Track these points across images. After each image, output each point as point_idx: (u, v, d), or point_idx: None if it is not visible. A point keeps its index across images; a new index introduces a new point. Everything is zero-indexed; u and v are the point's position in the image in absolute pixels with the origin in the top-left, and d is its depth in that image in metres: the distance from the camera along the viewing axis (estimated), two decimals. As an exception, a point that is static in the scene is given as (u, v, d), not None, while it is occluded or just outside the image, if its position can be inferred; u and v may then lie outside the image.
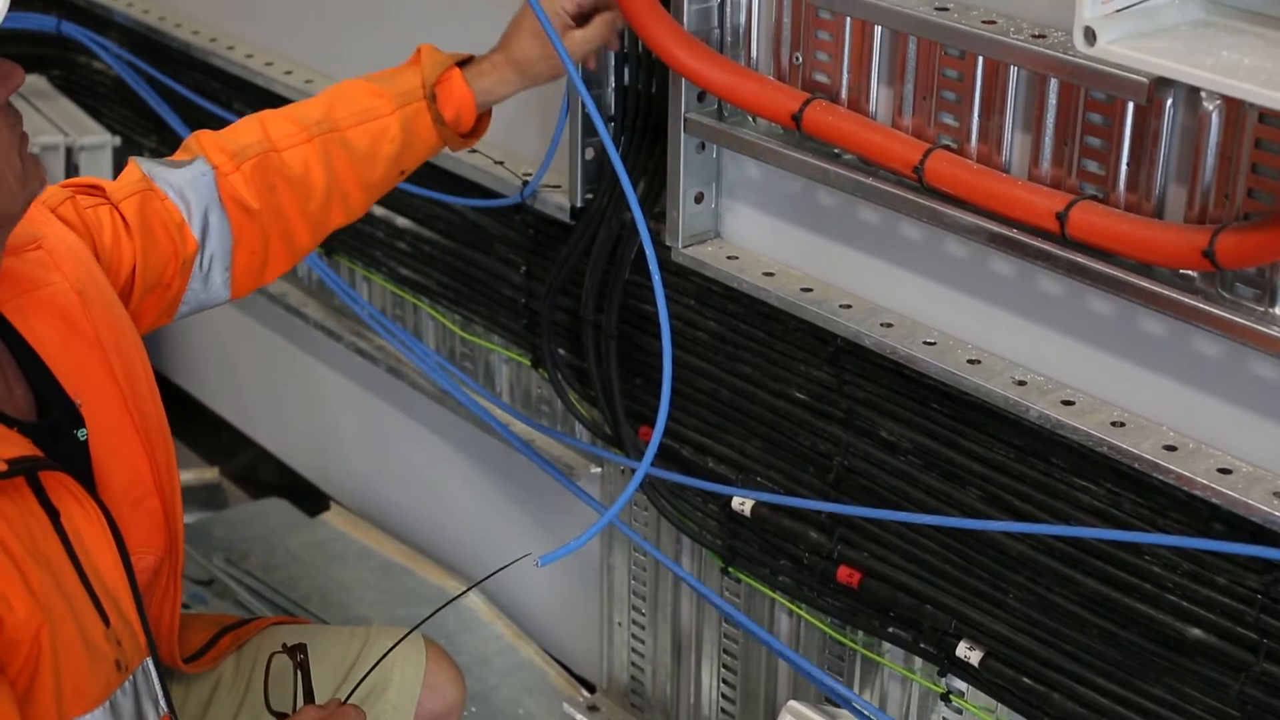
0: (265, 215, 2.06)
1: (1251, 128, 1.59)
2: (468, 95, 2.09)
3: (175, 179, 2.02)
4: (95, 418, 1.81)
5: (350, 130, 2.08)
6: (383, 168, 2.11)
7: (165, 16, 3.20)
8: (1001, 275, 1.89)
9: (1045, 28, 1.73)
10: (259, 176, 2.05)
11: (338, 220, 2.14)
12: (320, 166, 2.07)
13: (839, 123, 1.89)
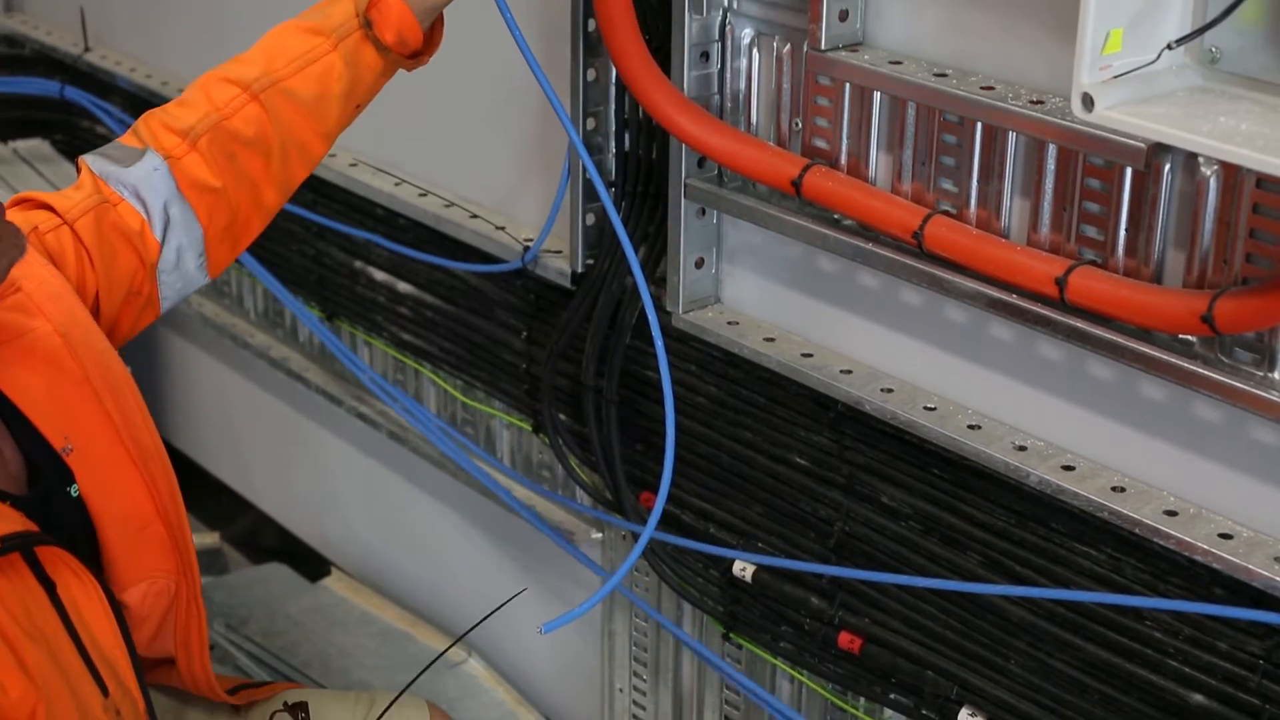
0: (231, 188, 1.99)
1: (1249, 193, 1.60)
2: (406, 12, 1.96)
3: (129, 178, 1.95)
4: (89, 456, 1.80)
5: (292, 79, 1.98)
6: (336, 108, 2.02)
7: (168, 81, 3.22)
8: (1001, 340, 1.89)
9: (1043, 93, 1.74)
10: (216, 149, 1.97)
11: (301, 173, 2.06)
12: (271, 123, 1.98)
13: (838, 188, 1.90)
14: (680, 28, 2.03)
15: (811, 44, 1.90)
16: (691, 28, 2.03)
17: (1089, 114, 1.46)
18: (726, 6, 2.03)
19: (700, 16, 2.03)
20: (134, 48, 3.39)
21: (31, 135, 3.55)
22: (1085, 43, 1.45)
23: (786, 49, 1.99)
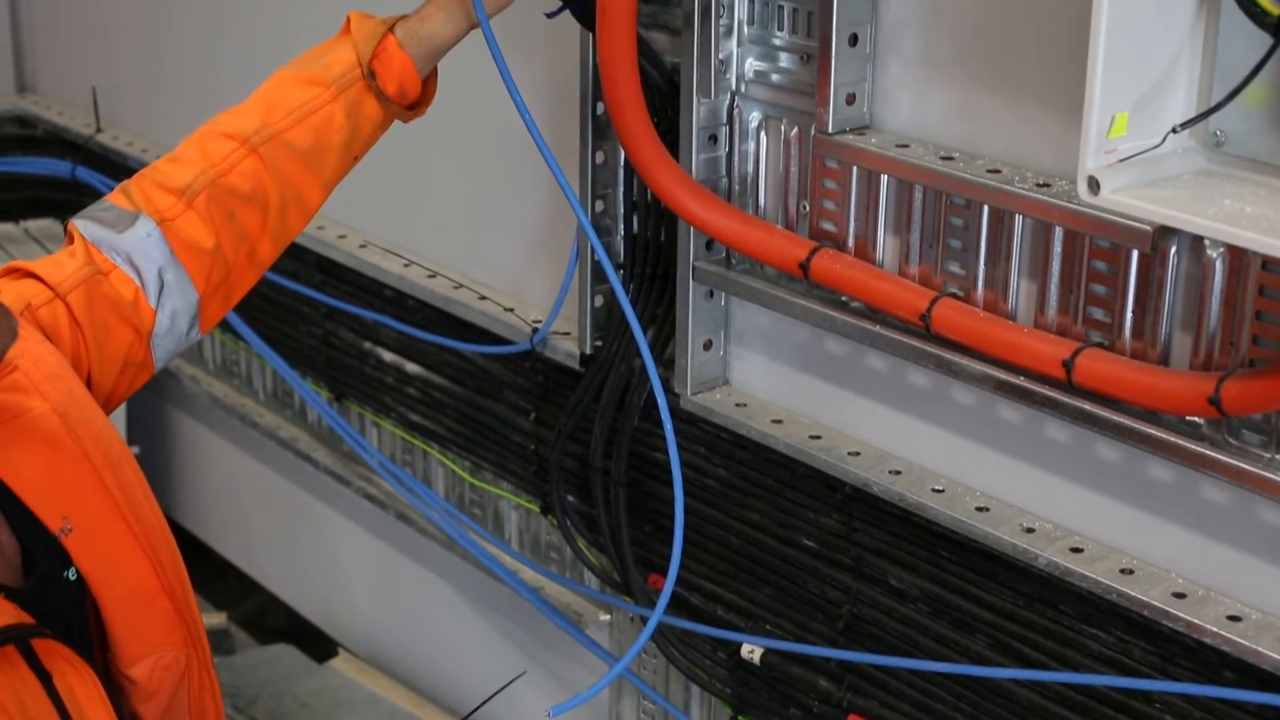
0: (227, 246, 1.95)
1: (1255, 275, 1.60)
2: (408, 63, 1.95)
3: (122, 245, 1.89)
4: (90, 534, 1.77)
5: (291, 131, 1.95)
6: (335, 159, 1.99)
7: (180, 164, 3.23)
8: (1009, 422, 1.89)
9: (1049, 176, 1.75)
10: (214, 208, 1.93)
11: (298, 225, 2.02)
12: (270, 177, 1.95)
13: (846, 271, 1.91)
14: (688, 111, 2.05)
15: (819, 127, 1.92)
16: (700, 111, 2.04)
17: (1095, 197, 1.47)
18: (734, 90, 2.05)
19: (708, 100, 2.04)
20: (146, 129, 3.41)
21: (43, 215, 3.57)
22: (1091, 126, 1.46)
23: (794, 132, 2.00)
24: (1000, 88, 1.80)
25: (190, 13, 3.21)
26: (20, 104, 3.76)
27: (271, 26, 2.97)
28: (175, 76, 3.30)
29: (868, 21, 1.88)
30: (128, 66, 3.45)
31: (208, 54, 3.17)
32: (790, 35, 1.97)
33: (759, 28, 2.00)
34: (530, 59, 2.30)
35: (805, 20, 1.95)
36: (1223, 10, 1.51)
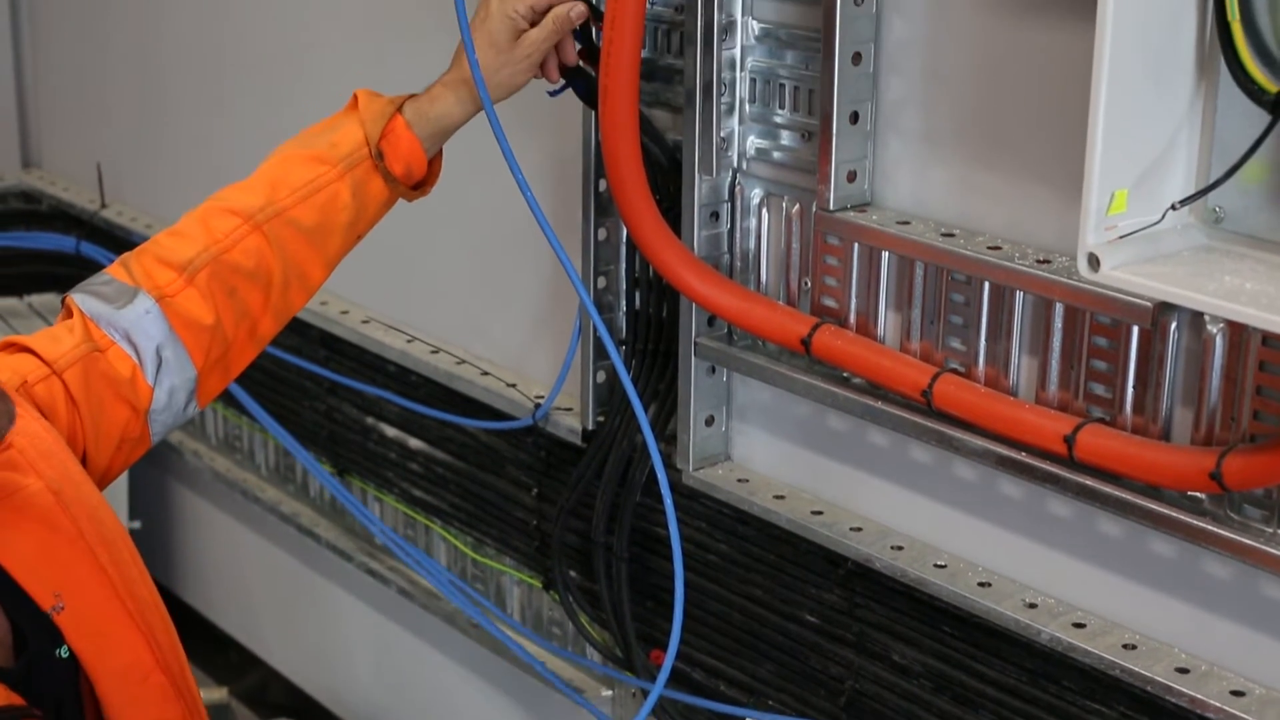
0: (227, 323, 1.94)
1: (1255, 351, 1.61)
2: (416, 145, 1.97)
3: (120, 321, 1.88)
4: (83, 612, 1.76)
5: (296, 208, 1.95)
6: (339, 237, 1.99)
7: (184, 240, 3.24)
8: (1011, 498, 1.90)
9: (1050, 253, 1.76)
10: (216, 285, 1.92)
11: (300, 301, 2.02)
12: (273, 254, 1.95)
13: (848, 347, 1.92)
14: (690, 188, 2.06)
15: (820, 204, 1.93)
16: (701, 188, 2.06)
17: (1095, 274, 1.48)
18: (736, 167, 2.06)
19: (710, 177, 2.05)
20: (150, 204, 3.43)
21: (46, 290, 3.58)
22: (1091, 203, 1.47)
23: (796, 209, 2.02)
24: (1000, 165, 1.81)
25: (194, 90, 3.23)
26: (25, 179, 3.78)
27: (276, 105, 2.99)
28: (180, 153, 3.32)
29: (868, 99, 1.90)
30: (132, 142, 3.47)
31: (212, 131, 3.19)
32: (791, 113, 1.99)
33: (760, 105, 2.02)
34: (533, 136, 2.32)
35: (806, 98, 1.96)
36: (1221, 87, 1.52)
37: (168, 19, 3.26)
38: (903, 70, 1.88)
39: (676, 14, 2.10)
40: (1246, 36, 1.46)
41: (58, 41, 3.70)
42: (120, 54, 3.44)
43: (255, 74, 3.04)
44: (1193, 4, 1.50)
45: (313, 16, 2.86)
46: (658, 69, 2.14)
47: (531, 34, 1.96)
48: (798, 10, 1.96)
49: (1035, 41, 1.75)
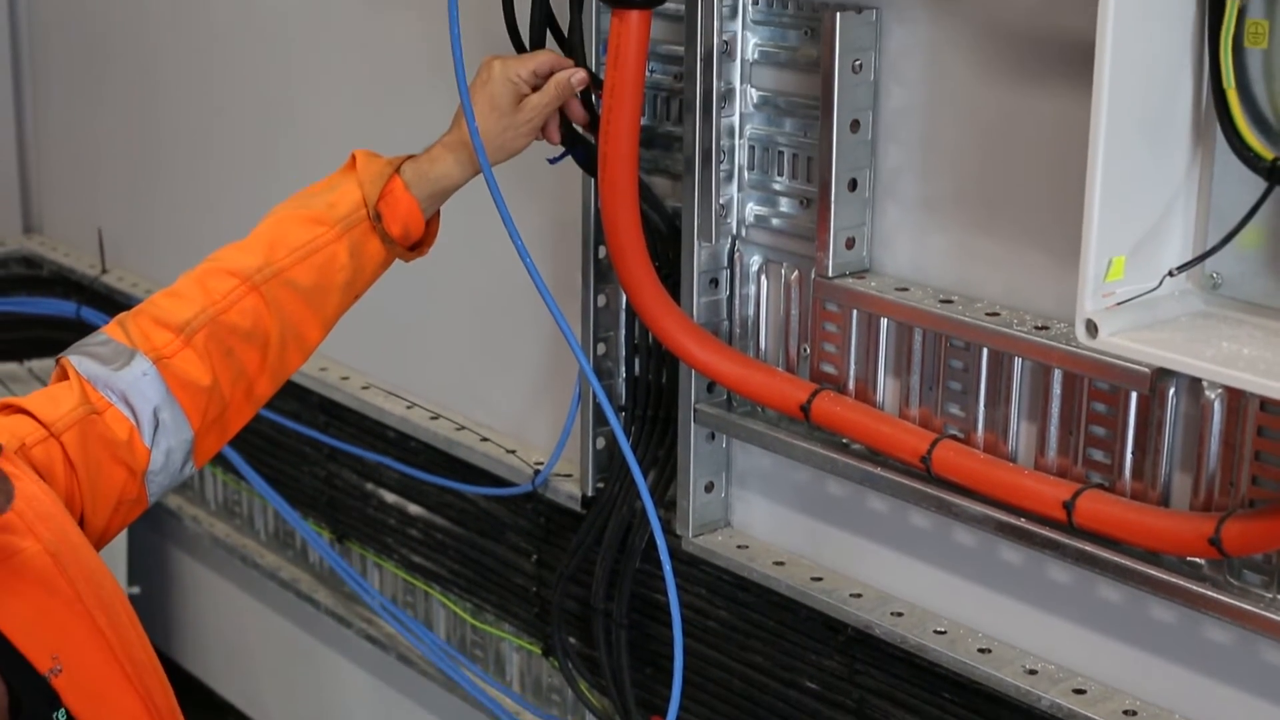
0: (224, 384, 1.93)
1: (1253, 416, 1.61)
2: (414, 206, 1.97)
3: (117, 384, 1.87)
4: (81, 675, 1.74)
5: (294, 269, 1.95)
6: (336, 297, 1.99)
7: (184, 306, 3.25)
8: (1010, 564, 1.89)
9: (1048, 319, 1.76)
10: (213, 345, 1.91)
11: (296, 361, 2.01)
12: (270, 315, 1.94)
13: (847, 413, 1.92)
14: (690, 255, 2.06)
15: (819, 271, 1.93)
16: (701, 255, 2.06)
17: (1093, 340, 1.48)
18: (735, 234, 2.07)
19: (709, 244, 2.06)
20: (150, 270, 3.43)
21: (46, 355, 3.58)
22: (1088, 270, 1.48)
23: (794, 276, 2.02)
24: (998, 231, 1.82)
25: (194, 155, 3.24)
26: (27, 244, 3.79)
27: (277, 170, 3.00)
28: (180, 218, 3.33)
29: (866, 167, 1.91)
30: (133, 208, 3.48)
31: (212, 196, 3.20)
32: (790, 180, 2.00)
33: (759, 173, 2.03)
34: (533, 202, 2.33)
35: (805, 165, 1.98)
36: (1217, 154, 1.53)
37: (167, 85, 3.28)
38: (901, 138, 1.89)
39: (676, 82, 2.11)
40: (1242, 104, 1.47)
41: (59, 108, 3.72)
42: (121, 120, 3.46)
43: (255, 139, 3.06)
44: (1188, 71, 1.51)
45: (312, 80, 2.88)
46: (657, 136, 2.15)
47: (533, 99, 1.97)
48: (796, 78, 1.98)
49: (1032, 109, 1.76)
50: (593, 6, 2.09)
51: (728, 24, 2.00)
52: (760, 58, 2.01)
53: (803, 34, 1.96)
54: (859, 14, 1.86)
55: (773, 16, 1.99)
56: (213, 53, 3.13)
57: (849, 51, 1.87)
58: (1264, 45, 1.46)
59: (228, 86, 3.10)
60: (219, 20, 3.09)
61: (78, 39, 3.58)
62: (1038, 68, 1.75)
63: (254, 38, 3.01)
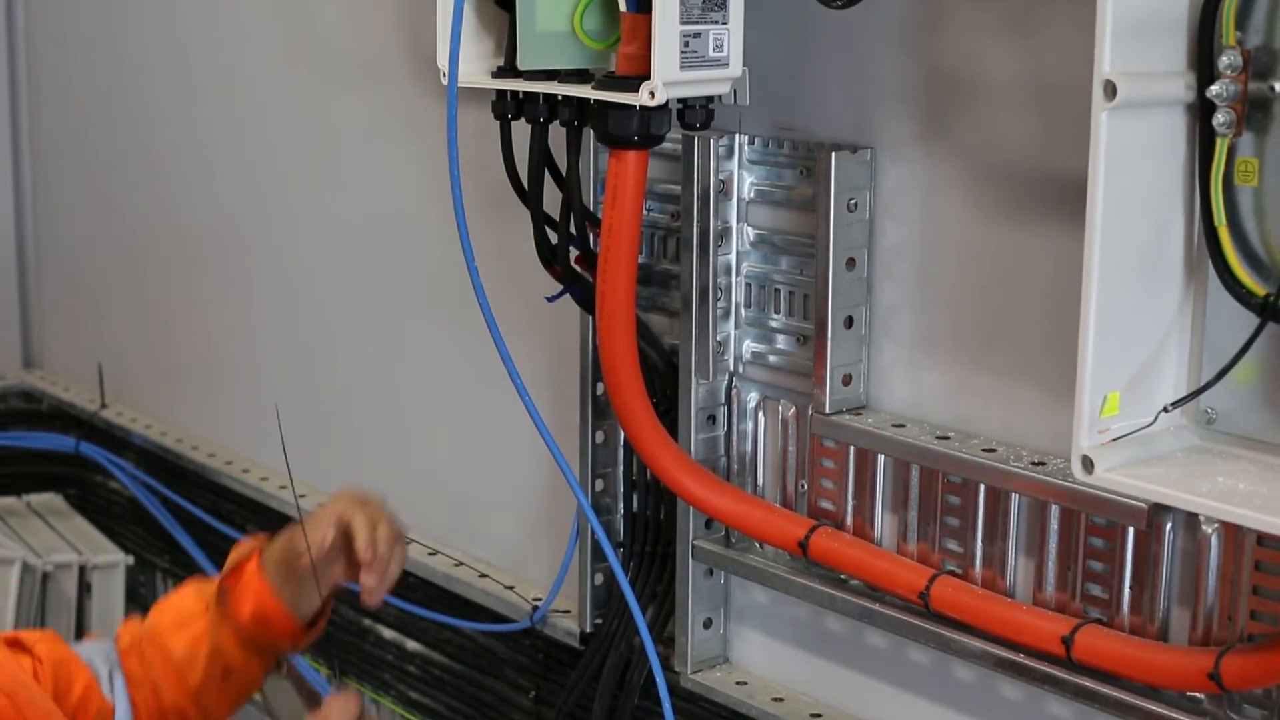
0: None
1: (1251, 550, 1.62)
2: (264, 587, 1.99)
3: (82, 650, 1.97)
4: None
5: (169, 634, 2.02)
6: (201, 671, 2.01)
7: (182, 439, 3.26)
8: (1010, 700, 1.89)
9: (1045, 455, 1.77)
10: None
11: None
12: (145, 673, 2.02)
13: (844, 550, 1.92)
14: (687, 392, 2.08)
15: (816, 408, 1.94)
16: (698, 392, 2.07)
17: (1089, 476, 1.49)
18: (732, 371, 2.08)
19: (707, 381, 2.07)
20: (150, 405, 3.44)
21: (45, 489, 3.59)
22: (1084, 406, 1.49)
23: (791, 412, 2.03)
24: (993, 368, 1.83)
25: (195, 294, 3.26)
26: (27, 379, 3.80)
27: (276, 312, 3.02)
28: (180, 356, 3.35)
29: (862, 304, 1.92)
30: (133, 344, 3.49)
31: (212, 335, 3.22)
32: (787, 317, 2.01)
33: (756, 310, 2.05)
34: (530, 340, 2.34)
35: (801, 303, 1.99)
36: (1210, 291, 1.54)
37: (169, 225, 3.30)
38: (896, 275, 1.91)
39: (673, 220, 2.13)
40: (1234, 241, 1.49)
41: (61, 245, 3.74)
42: (122, 258, 3.48)
43: (254, 280, 3.08)
44: (1180, 209, 1.53)
45: (311, 217, 2.90)
46: (654, 274, 2.17)
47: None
48: (792, 217, 2.00)
49: (1026, 246, 1.78)
50: (590, 146, 2.12)
51: (724, 163, 2.02)
52: (756, 196, 2.03)
53: (798, 173, 1.98)
54: (854, 153, 1.89)
55: (769, 156, 2.01)
56: (214, 194, 3.15)
57: (844, 190, 1.89)
58: (1254, 183, 1.48)
59: (228, 227, 3.13)
60: (220, 162, 3.12)
61: (81, 177, 3.61)
62: (1030, 205, 1.77)
63: (254, 178, 3.04)
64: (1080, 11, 1.53)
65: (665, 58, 1.75)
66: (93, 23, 3.46)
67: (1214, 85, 1.47)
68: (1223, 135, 1.47)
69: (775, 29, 1.97)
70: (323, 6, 2.76)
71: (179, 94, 3.20)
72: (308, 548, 1.92)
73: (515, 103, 1.97)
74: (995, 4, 1.77)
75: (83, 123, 3.56)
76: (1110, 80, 1.43)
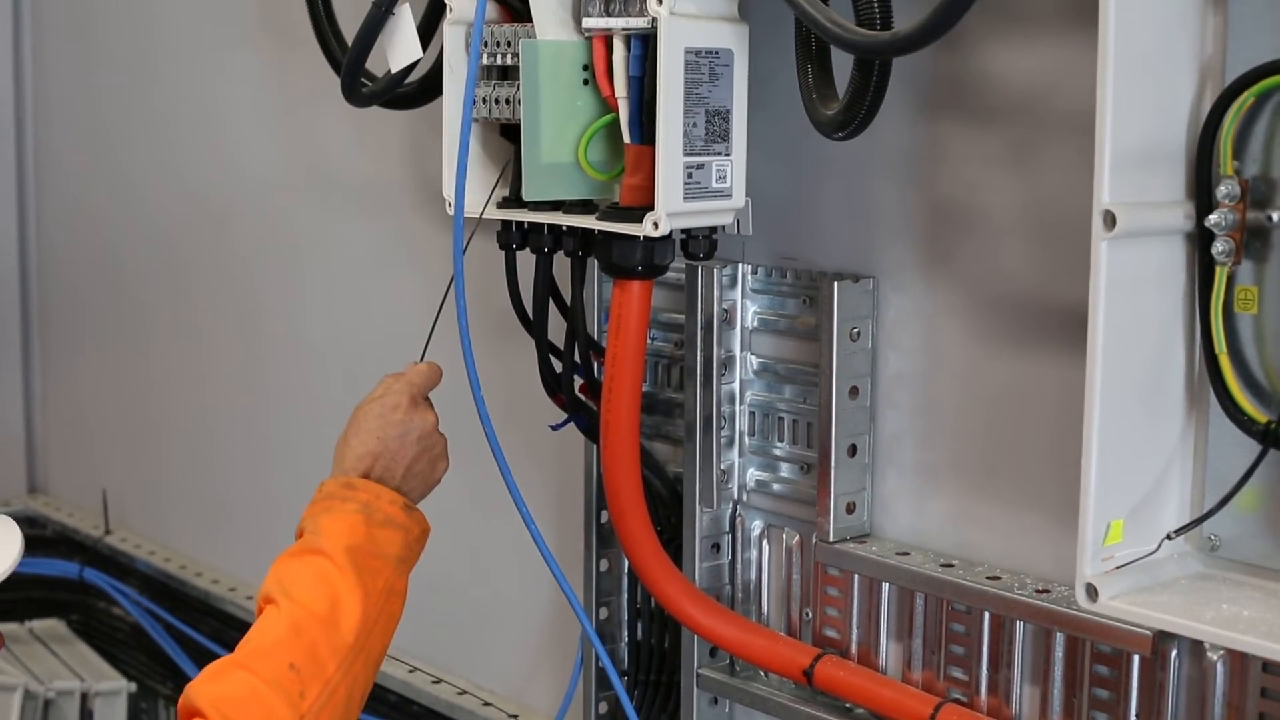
0: None
1: (1256, 677, 1.61)
2: (395, 497, 1.90)
3: None
4: None
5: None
6: None
7: (185, 565, 3.26)
8: (1017, 829, 1.88)
9: (1049, 582, 1.77)
10: None
11: None
12: None
13: (850, 678, 1.91)
14: (691, 520, 2.08)
15: (820, 536, 1.95)
16: (702, 520, 2.08)
17: (1094, 604, 1.49)
18: (736, 499, 2.08)
19: (711, 509, 2.07)
20: (154, 532, 3.44)
21: (48, 615, 3.58)
22: (1087, 534, 1.49)
23: (796, 540, 2.03)
24: (997, 495, 1.84)
25: (199, 421, 3.27)
26: (31, 505, 3.80)
27: (280, 438, 3.02)
28: (184, 482, 3.35)
29: (865, 432, 1.93)
30: (137, 471, 3.49)
31: (216, 461, 3.22)
32: (790, 446, 2.02)
33: (760, 438, 2.05)
34: (536, 468, 2.35)
35: (805, 431, 2.00)
36: (1211, 418, 1.55)
37: (171, 352, 3.32)
38: (899, 404, 1.92)
39: (677, 349, 2.14)
40: (1234, 368, 1.50)
41: (65, 371, 3.75)
42: (125, 384, 3.49)
43: (258, 406, 3.09)
44: (1181, 337, 1.54)
45: (316, 347, 2.92)
46: (658, 402, 2.18)
47: None
48: (795, 346, 2.01)
49: (1027, 374, 1.78)
50: (594, 276, 2.14)
51: (727, 293, 2.04)
52: (760, 325, 2.04)
53: (801, 302, 1.99)
54: (856, 283, 1.90)
55: (772, 285, 2.03)
56: (220, 323, 3.17)
57: (847, 320, 1.90)
58: (1254, 311, 1.49)
59: (234, 355, 3.14)
60: (220, 290, 3.14)
61: (88, 308, 3.63)
62: (1032, 334, 1.78)
63: (261, 306, 3.05)
64: (1079, 141, 1.55)
65: (669, 189, 1.76)
66: (96, 153, 3.49)
67: (1212, 214, 1.48)
68: (1222, 263, 1.49)
69: (778, 159, 1.99)
70: (330, 136, 2.78)
71: (183, 225, 3.22)
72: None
73: (520, 233, 1.98)
74: (994, 135, 1.79)
75: (89, 252, 3.59)
76: (1110, 210, 1.45)
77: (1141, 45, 1.48)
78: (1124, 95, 1.46)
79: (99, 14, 3.44)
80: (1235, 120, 1.47)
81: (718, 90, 1.80)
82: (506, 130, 1.98)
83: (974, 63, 1.80)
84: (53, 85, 3.66)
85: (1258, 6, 1.50)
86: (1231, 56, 1.51)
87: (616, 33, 1.81)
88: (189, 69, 3.16)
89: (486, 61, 1.93)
